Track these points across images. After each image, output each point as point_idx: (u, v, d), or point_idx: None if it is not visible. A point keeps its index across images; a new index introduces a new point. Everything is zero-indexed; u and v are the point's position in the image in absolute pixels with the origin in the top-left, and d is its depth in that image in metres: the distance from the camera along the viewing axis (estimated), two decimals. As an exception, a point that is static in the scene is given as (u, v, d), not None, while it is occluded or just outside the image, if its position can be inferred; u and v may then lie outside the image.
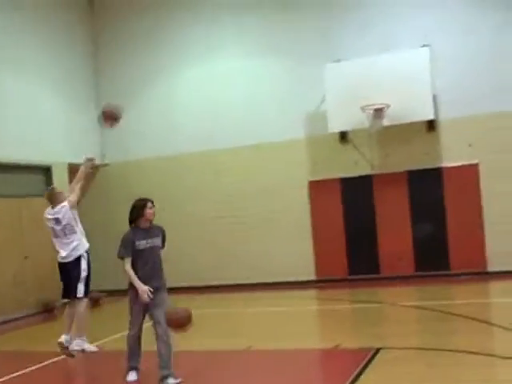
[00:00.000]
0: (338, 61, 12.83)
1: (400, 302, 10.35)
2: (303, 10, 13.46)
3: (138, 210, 6.49)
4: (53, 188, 8.39)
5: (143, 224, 6.49)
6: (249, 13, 13.90)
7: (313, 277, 13.38)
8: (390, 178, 12.87)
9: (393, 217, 12.89)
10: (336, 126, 12.73)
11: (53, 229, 7.85)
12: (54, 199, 7.93)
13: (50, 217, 7.89)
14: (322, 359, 7.47)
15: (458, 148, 12.48)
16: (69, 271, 7.77)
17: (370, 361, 6.50)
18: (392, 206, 12.90)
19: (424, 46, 12.34)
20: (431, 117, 12.20)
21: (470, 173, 12.40)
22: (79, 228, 7.91)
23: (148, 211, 6.47)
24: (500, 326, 7.75)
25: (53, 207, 7.91)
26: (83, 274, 7.77)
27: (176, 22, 14.51)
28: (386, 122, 12.27)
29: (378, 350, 6.88)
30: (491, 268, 12.27)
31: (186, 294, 12.27)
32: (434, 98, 12.26)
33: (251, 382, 6.49)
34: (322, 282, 13.20)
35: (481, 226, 12.35)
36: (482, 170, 12.32)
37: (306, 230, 13.42)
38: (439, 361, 6.44)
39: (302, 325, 9.33)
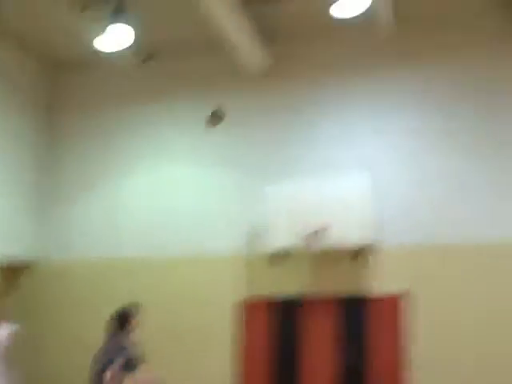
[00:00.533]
0: (279, 182, 12.77)
1: None
2: (247, 125, 13.69)
3: None
4: None
5: None
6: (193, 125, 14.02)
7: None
8: (321, 303, 12.45)
9: (319, 345, 12.33)
10: (273, 246, 12.44)
11: None
12: None
13: None
14: None
15: (391, 277, 12.19)
16: None
17: None
18: (319, 332, 12.40)
19: (366, 172, 12.37)
20: (368, 242, 12.03)
21: (397, 304, 12.04)
22: None
23: None
24: None
25: None
26: None
27: (131, 126, 14.59)
28: (323, 245, 12.04)
29: None
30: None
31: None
32: (373, 224, 12.14)
33: None
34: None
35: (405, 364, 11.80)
36: (410, 301, 11.95)
37: (228, 354, 12.80)
38: None
39: None
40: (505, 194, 12.01)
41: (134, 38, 12.07)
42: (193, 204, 13.83)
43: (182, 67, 14.32)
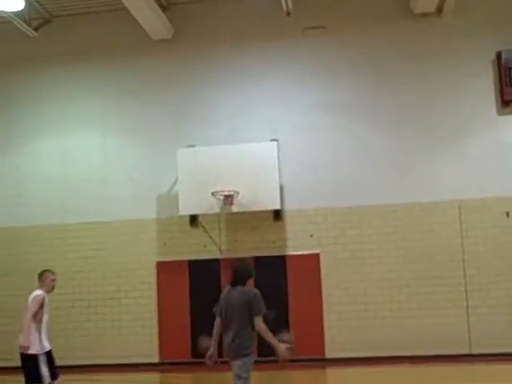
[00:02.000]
0: (192, 146, 13.29)
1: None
2: (159, 94, 13.91)
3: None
4: None
5: None
6: (104, 93, 14.15)
7: (156, 359, 13.24)
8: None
9: (238, 301, 13.15)
10: (187, 209, 12.99)
11: None
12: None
13: None
14: None
15: (301, 238, 13.20)
16: None
17: None
18: (237, 290, 13.19)
19: (272, 140, 13.15)
20: (277, 207, 12.85)
21: (311, 262, 13.08)
22: None
23: None
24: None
25: None
26: None
27: (33, 93, 14.37)
28: (235, 209, 12.73)
29: None
30: (329, 355, 12.83)
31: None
32: (281, 189, 12.97)
33: None
34: (166, 365, 13.08)
35: (320, 314, 12.95)
36: (322, 259, 13.07)
37: (152, 311, 13.36)
38: None
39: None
40: (403, 163, 13.16)
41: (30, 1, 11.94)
42: (105, 170, 13.97)
43: (86, 32, 14.21)
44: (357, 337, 12.75)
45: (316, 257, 13.11)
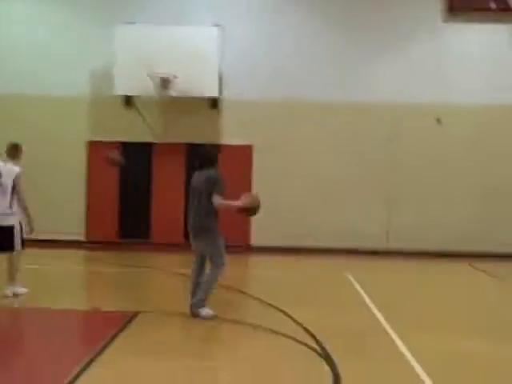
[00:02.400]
0: (131, 23, 12.72)
1: (168, 268, 10.69)
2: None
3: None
4: None
5: None
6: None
7: (82, 237, 13.29)
8: (170, 148, 13.16)
9: (169, 186, 13.22)
10: (122, 89, 12.65)
11: None
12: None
13: None
14: (79, 321, 7.44)
15: (236, 128, 13.17)
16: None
17: (126, 325, 6.66)
18: (169, 175, 13.24)
19: (215, 25, 12.75)
20: (215, 94, 12.69)
21: (244, 152, 13.15)
22: None
23: None
24: (255, 298, 8.41)
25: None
26: None
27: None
28: (172, 93, 12.49)
29: (136, 314, 7.08)
30: (254, 243, 13.24)
31: None
32: (221, 77, 12.76)
33: None
34: (93, 244, 13.16)
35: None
36: (255, 150, 13.16)
37: (80, 191, 13.25)
38: (196, 326, 6.77)
39: (64, 285, 9.22)
40: (344, 61, 13.15)
41: None
42: (37, 42, 13.29)
43: None
44: (282, 228, 13.15)
45: (249, 148, 13.18)
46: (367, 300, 8.24)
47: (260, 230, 13.13)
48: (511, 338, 6.65)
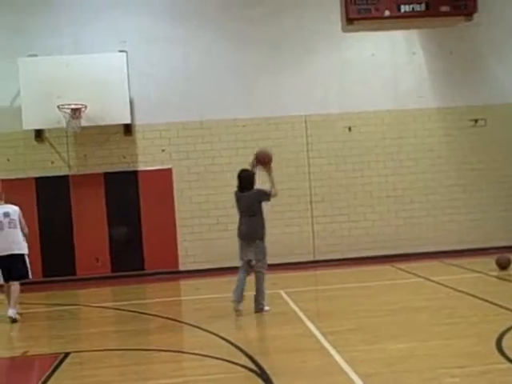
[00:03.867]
0: (34, 56, 12.45)
1: (96, 303, 10.44)
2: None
3: None
4: None
5: None
6: None
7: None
8: (87, 179, 12.91)
9: (89, 218, 12.97)
10: (31, 124, 12.33)
11: None
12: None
13: None
14: (8, 368, 7.16)
15: (153, 153, 13.11)
16: None
17: (57, 367, 6.45)
18: (89, 207, 12.99)
19: (121, 51, 12.67)
20: (128, 121, 12.58)
21: (163, 176, 13.08)
22: None
23: None
24: (188, 324, 8.34)
25: None
26: None
27: None
28: (83, 123, 12.25)
29: (67, 355, 6.87)
30: (183, 267, 13.13)
31: None
32: (131, 102, 12.66)
33: None
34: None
35: (174, 228, 13.12)
36: (174, 174, 13.10)
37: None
38: (130, 360, 6.65)
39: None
40: (252, 78, 13.32)
41: None
42: None
43: None
44: (209, 249, 13.13)
45: (168, 172, 13.12)
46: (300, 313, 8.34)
47: (187, 253, 13.06)
48: (434, 338, 6.87)
